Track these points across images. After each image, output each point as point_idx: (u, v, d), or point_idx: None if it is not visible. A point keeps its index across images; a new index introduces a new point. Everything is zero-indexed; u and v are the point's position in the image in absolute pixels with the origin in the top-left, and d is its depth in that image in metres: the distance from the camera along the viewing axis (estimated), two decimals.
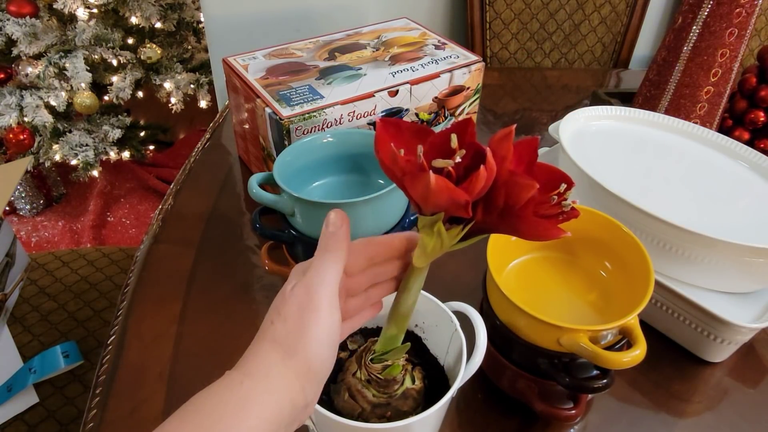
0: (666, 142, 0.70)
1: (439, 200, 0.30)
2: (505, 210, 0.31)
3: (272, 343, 0.32)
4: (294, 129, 0.65)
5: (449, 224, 0.33)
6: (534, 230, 0.31)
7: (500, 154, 0.30)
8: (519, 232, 0.32)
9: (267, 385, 0.31)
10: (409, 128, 0.33)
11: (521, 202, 0.30)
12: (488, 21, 1.30)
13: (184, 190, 0.79)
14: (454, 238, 0.33)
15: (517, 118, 0.99)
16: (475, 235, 0.34)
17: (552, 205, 0.32)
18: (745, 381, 0.56)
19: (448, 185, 0.29)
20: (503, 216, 0.32)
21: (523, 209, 0.31)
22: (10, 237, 0.76)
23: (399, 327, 0.39)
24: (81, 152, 1.58)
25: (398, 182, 0.32)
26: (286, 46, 0.80)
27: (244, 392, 0.31)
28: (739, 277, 0.55)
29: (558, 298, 0.52)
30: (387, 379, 0.40)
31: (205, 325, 0.60)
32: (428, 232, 0.33)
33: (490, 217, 0.32)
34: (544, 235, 0.31)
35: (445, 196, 0.30)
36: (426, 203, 0.31)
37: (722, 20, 0.71)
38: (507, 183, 0.30)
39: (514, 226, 0.32)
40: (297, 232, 0.56)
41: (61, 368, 0.72)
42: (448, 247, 0.34)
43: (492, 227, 0.33)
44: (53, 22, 1.50)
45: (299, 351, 0.32)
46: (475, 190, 0.30)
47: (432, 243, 0.34)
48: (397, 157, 0.31)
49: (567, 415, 0.47)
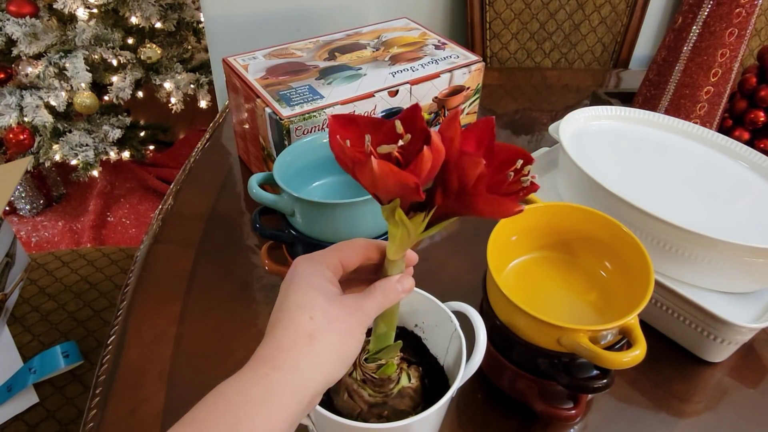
0: (666, 142, 0.70)
1: (386, 184, 0.30)
2: (460, 191, 0.32)
3: (309, 338, 0.32)
4: (294, 129, 0.65)
5: (413, 212, 0.34)
6: (490, 207, 0.32)
7: (448, 136, 0.31)
8: (476, 211, 0.32)
9: (294, 380, 0.31)
10: (363, 121, 0.34)
11: (472, 180, 0.31)
12: (488, 21, 1.30)
13: (184, 190, 0.79)
14: (419, 225, 0.34)
15: (517, 118, 0.99)
16: (441, 221, 0.34)
17: (510, 182, 0.32)
18: (745, 381, 0.56)
19: (392, 168, 0.29)
20: (459, 197, 0.32)
21: (475, 187, 0.31)
22: (10, 237, 0.76)
23: (388, 324, 0.39)
24: (81, 152, 1.58)
25: (351, 173, 0.32)
26: (286, 46, 0.80)
27: (270, 384, 0.30)
28: (739, 277, 0.55)
29: (558, 298, 0.52)
30: (382, 378, 0.40)
31: (205, 325, 0.60)
32: (392, 221, 0.34)
33: (448, 200, 0.33)
34: (500, 211, 0.32)
35: (391, 180, 0.30)
36: (376, 189, 0.32)
37: (722, 20, 0.71)
38: (457, 163, 0.31)
39: (471, 205, 0.32)
40: (297, 232, 0.56)
41: (61, 368, 0.72)
42: (417, 235, 0.34)
43: (452, 210, 0.34)
44: (53, 22, 1.50)
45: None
46: (423, 171, 0.30)
47: (399, 233, 0.34)
48: (345, 149, 0.31)
49: (567, 415, 0.47)
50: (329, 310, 0.33)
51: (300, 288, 0.34)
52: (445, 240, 0.72)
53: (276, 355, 0.32)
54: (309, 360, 0.32)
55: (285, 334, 0.32)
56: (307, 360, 0.32)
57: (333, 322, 0.33)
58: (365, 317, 0.34)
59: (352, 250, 0.37)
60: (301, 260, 0.36)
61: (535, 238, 0.55)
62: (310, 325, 0.32)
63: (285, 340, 0.32)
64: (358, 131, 0.33)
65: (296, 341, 0.32)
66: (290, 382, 0.31)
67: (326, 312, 0.33)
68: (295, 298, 0.33)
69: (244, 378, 0.31)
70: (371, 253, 0.38)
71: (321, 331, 0.32)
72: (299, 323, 0.32)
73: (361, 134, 0.32)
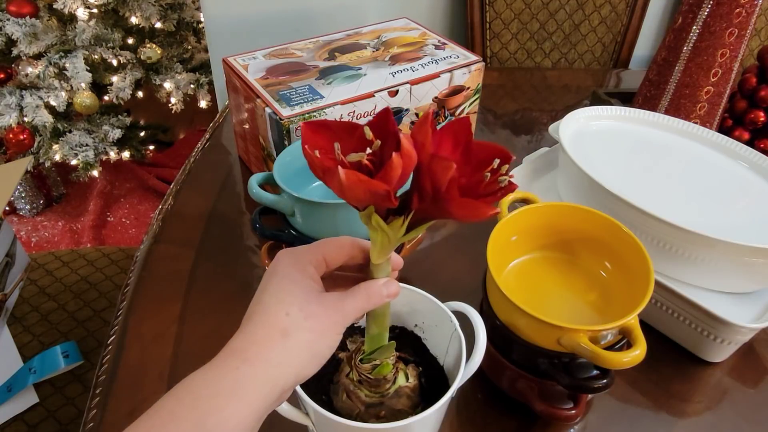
0: (666, 142, 0.70)
1: (356, 194, 0.30)
2: (434, 195, 0.31)
3: (282, 334, 0.32)
4: (294, 129, 0.65)
5: (392, 216, 0.33)
6: (464, 211, 0.31)
7: (419, 140, 0.30)
8: (451, 214, 0.31)
9: (265, 374, 0.31)
10: (337, 126, 0.33)
11: (444, 184, 0.30)
12: (488, 21, 1.30)
13: (184, 190, 0.79)
14: (398, 229, 0.33)
15: (517, 118, 0.99)
16: (420, 224, 0.34)
17: (488, 182, 0.31)
18: (745, 381, 0.56)
19: (360, 178, 0.29)
20: (435, 201, 0.31)
21: (448, 191, 0.30)
22: (10, 237, 0.76)
23: (379, 325, 0.39)
24: (81, 152, 1.58)
25: (323, 181, 0.32)
26: (286, 46, 0.80)
27: (239, 378, 0.30)
28: (739, 277, 0.55)
29: (558, 298, 0.52)
30: (378, 379, 0.40)
31: (205, 325, 0.60)
32: (370, 226, 0.33)
33: (424, 204, 0.32)
34: (473, 214, 0.31)
35: (360, 189, 0.29)
36: (346, 198, 0.31)
37: (722, 20, 0.71)
38: (429, 168, 0.30)
39: (446, 209, 0.31)
40: (297, 232, 0.56)
41: (61, 368, 0.72)
42: (397, 239, 0.34)
43: (430, 214, 0.33)
44: (53, 22, 1.50)
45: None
46: (392, 178, 0.29)
47: (378, 237, 0.34)
48: (314, 158, 0.31)
49: (567, 415, 0.47)
50: (306, 307, 0.33)
51: (280, 282, 0.34)
52: (445, 240, 0.72)
53: (248, 348, 0.31)
54: (280, 356, 0.31)
55: (259, 327, 0.32)
56: (279, 355, 0.31)
57: (309, 319, 0.32)
58: (343, 318, 0.34)
59: (337, 247, 0.37)
60: (283, 254, 0.35)
61: (535, 238, 0.55)
62: (285, 321, 0.32)
63: (258, 334, 0.32)
64: (331, 137, 0.32)
65: (270, 336, 0.32)
66: (260, 376, 0.31)
67: (303, 308, 0.33)
68: (272, 292, 0.33)
69: (214, 370, 0.31)
70: (356, 251, 0.37)
71: (295, 327, 0.32)
72: (275, 318, 0.32)
73: (334, 140, 0.31)
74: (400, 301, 0.47)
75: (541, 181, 0.73)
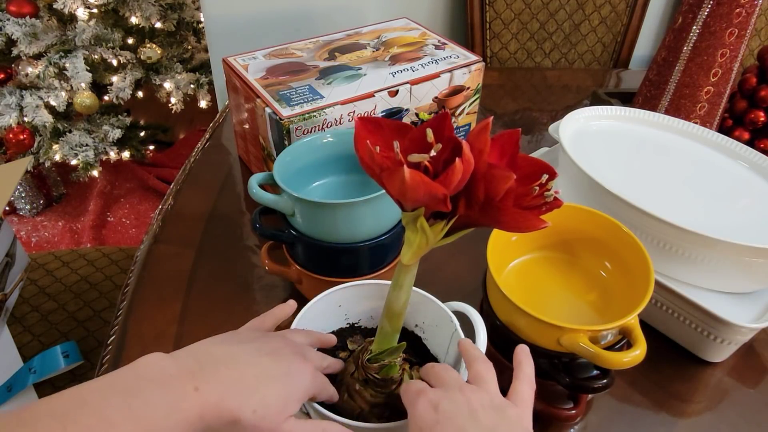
0: (666, 142, 0.70)
1: (416, 195, 0.30)
2: (485, 203, 0.31)
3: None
4: (294, 129, 0.65)
5: (433, 219, 0.33)
6: (515, 222, 0.31)
7: (477, 147, 0.31)
8: (501, 224, 0.32)
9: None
10: (389, 125, 0.33)
11: (500, 194, 0.31)
12: (488, 21, 1.30)
13: (184, 190, 0.79)
14: (438, 233, 0.33)
15: (517, 118, 0.99)
16: (460, 230, 0.34)
17: (534, 196, 0.32)
18: (745, 381, 0.56)
19: (423, 179, 0.29)
20: (484, 209, 0.32)
21: (502, 201, 0.31)
22: (10, 237, 0.76)
23: (393, 326, 0.39)
24: (81, 152, 1.58)
25: (377, 179, 0.32)
26: (286, 46, 0.80)
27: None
28: (739, 277, 0.55)
29: (558, 298, 0.52)
30: (384, 379, 0.40)
31: (205, 325, 0.60)
32: (412, 228, 0.34)
33: (472, 211, 0.32)
34: (525, 226, 0.31)
35: (421, 191, 0.30)
36: (404, 198, 0.31)
37: (722, 20, 0.71)
38: (486, 176, 0.31)
39: (496, 218, 0.32)
40: (297, 232, 0.56)
41: (61, 368, 0.72)
42: (434, 242, 0.34)
43: (475, 221, 0.33)
44: (53, 22, 1.50)
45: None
46: (452, 183, 0.30)
47: (417, 239, 0.34)
48: (374, 154, 0.31)
49: (567, 415, 0.48)
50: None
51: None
52: None
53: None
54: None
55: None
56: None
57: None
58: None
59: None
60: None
61: (535, 238, 0.55)
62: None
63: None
64: (384, 136, 0.33)
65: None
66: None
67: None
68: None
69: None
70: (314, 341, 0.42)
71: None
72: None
73: (387, 139, 0.32)
74: None
75: None
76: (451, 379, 0.36)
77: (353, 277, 0.56)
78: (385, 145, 0.32)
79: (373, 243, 0.56)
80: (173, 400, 0.30)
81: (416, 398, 0.35)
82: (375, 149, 0.31)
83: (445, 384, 0.36)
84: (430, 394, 0.35)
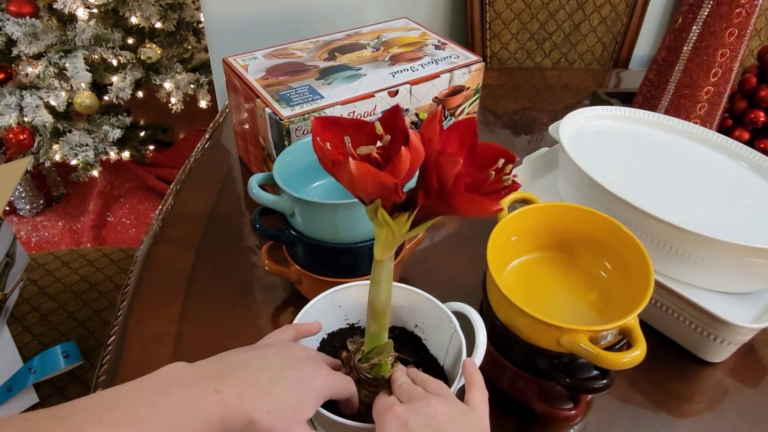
0: (666, 142, 0.70)
1: (365, 185, 0.31)
2: (440, 190, 0.32)
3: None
4: (294, 129, 0.65)
5: (396, 212, 0.34)
6: (468, 206, 0.32)
7: (427, 136, 0.31)
8: (456, 210, 0.32)
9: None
10: (346, 122, 0.34)
11: (451, 180, 0.31)
12: (488, 21, 1.30)
13: (184, 190, 0.79)
14: (403, 225, 0.34)
15: (517, 118, 0.99)
16: (425, 221, 0.35)
17: (492, 181, 0.32)
18: (745, 381, 0.56)
19: (370, 169, 0.30)
20: (440, 196, 0.32)
21: (454, 187, 0.31)
22: (10, 237, 0.76)
23: (379, 324, 0.39)
24: (81, 152, 1.58)
25: (331, 173, 0.33)
26: (286, 46, 0.80)
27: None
28: (739, 277, 0.55)
29: (558, 298, 0.52)
30: (376, 378, 0.40)
31: (205, 325, 0.60)
32: (376, 221, 0.34)
33: (430, 200, 0.33)
34: (478, 210, 0.32)
35: (369, 181, 0.30)
36: (356, 190, 0.32)
37: (722, 20, 0.71)
38: (436, 163, 0.31)
39: (451, 205, 0.32)
40: (297, 232, 0.56)
41: (61, 368, 0.72)
42: (402, 235, 0.35)
43: (435, 210, 0.34)
44: (53, 22, 1.50)
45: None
46: (401, 171, 0.30)
47: (383, 233, 0.34)
48: (325, 150, 0.32)
49: (567, 416, 0.47)
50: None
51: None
52: (445, 240, 0.72)
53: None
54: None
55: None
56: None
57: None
58: None
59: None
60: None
61: (535, 238, 0.55)
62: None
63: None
64: (341, 132, 0.33)
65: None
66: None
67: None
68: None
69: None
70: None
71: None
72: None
73: (343, 135, 0.32)
74: (400, 301, 0.47)
75: (541, 181, 0.73)
76: (418, 393, 0.37)
77: (353, 277, 0.56)
78: (341, 142, 0.33)
79: (373, 243, 0.56)
80: (196, 400, 0.32)
81: (385, 414, 0.36)
82: (326, 145, 0.32)
83: (413, 398, 0.36)
84: (398, 410, 0.35)
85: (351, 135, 0.32)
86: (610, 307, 0.50)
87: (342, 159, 0.30)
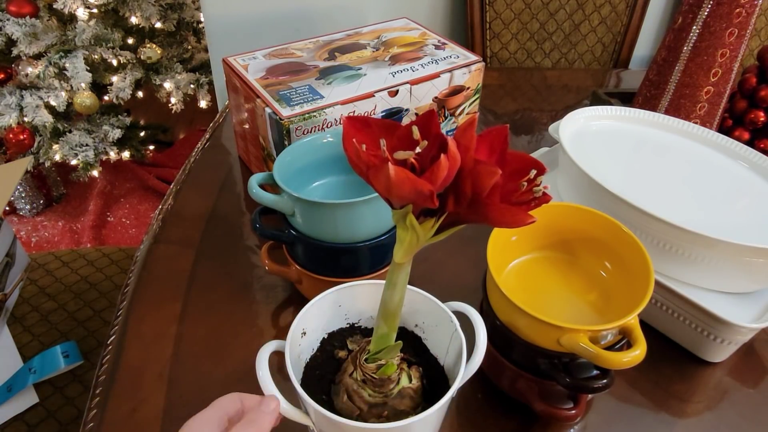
0: (666, 142, 0.70)
1: (401, 191, 0.30)
2: (473, 199, 0.32)
3: None
4: (294, 129, 0.65)
5: (423, 217, 0.33)
6: (503, 217, 0.32)
7: (464, 143, 0.31)
8: (489, 220, 0.32)
9: None
10: (377, 124, 0.34)
11: (486, 190, 0.31)
12: (488, 21, 1.30)
13: (184, 190, 0.79)
14: (428, 230, 0.34)
15: (517, 118, 0.99)
16: (450, 227, 0.34)
17: (523, 191, 0.32)
18: (745, 381, 0.56)
19: (408, 176, 0.29)
20: (472, 205, 0.32)
21: (489, 197, 0.31)
22: (10, 237, 0.76)
23: (389, 325, 0.39)
24: (81, 152, 1.58)
25: (364, 177, 0.32)
26: (286, 46, 0.80)
27: None
28: (739, 277, 0.55)
29: (558, 298, 0.52)
30: (382, 379, 0.40)
31: (205, 325, 0.60)
32: (402, 225, 0.34)
33: (460, 208, 0.33)
34: (512, 221, 0.31)
35: (407, 187, 0.30)
36: (391, 195, 0.32)
37: (722, 20, 0.71)
38: (472, 172, 0.31)
39: (484, 214, 0.32)
40: (297, 232, 0.56)
41: (61, 368, 0.72)
42: (425, 240, 0.34)
43: (464, 217, 0.33)
44: (53, 22, 1.50)
45: None
46: (438, 179, 0.30)
47: (408, 237, 0.34)
48: (360, 152, 0.31)
49: (567, 415, 0.47)
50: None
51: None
52: (445, 240, 0.71)
53: None
54: None
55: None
56: None
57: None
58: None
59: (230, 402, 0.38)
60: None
61: (535, 238, 0.55)
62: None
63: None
64: (372, 134, 0.33)
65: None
66: None
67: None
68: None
69: None
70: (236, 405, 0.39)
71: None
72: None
73: (375, 137, 0.32)
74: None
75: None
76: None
77: (353, 277, 0.56)
78: (373, 144, 0.32)
79: (373, 243, 0.56)
80: None
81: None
82: (362, 147, 0.31)
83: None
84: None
85: (383, 137, 0.32)
86: (611, 307, 0.50)
87: (377, 162, 0.30)
